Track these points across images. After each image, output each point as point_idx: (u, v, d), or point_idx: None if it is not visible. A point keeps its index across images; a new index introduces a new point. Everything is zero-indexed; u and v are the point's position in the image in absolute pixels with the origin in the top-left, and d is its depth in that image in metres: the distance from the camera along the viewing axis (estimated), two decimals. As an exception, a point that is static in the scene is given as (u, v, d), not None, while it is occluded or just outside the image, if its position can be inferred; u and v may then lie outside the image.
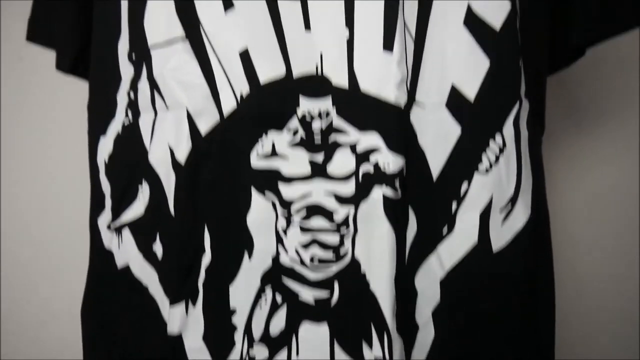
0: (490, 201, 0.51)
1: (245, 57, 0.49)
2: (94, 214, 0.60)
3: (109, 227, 0.57)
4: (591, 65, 0.75)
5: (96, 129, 0.58)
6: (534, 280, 0.53)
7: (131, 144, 0.55)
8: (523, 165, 0.53)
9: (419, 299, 0.51)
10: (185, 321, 0.51)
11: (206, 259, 0.51)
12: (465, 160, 0.51)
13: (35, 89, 0.95)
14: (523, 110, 0.53)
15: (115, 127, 0.57)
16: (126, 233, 0.56)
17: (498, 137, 0.51)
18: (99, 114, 0.58)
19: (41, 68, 0.91)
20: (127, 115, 0.56)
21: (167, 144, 0.52)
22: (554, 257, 0.58)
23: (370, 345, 0.50)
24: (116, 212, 0.57)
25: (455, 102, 0.50)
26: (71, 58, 0.65)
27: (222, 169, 0.51)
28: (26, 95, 0.95)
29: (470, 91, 0.50)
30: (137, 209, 0.55)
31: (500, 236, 0.52)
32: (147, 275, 0.54)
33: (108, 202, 0.58)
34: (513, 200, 0.52)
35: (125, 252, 0.56)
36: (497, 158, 0.51)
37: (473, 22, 0.50)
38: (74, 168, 0.77)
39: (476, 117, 0.51)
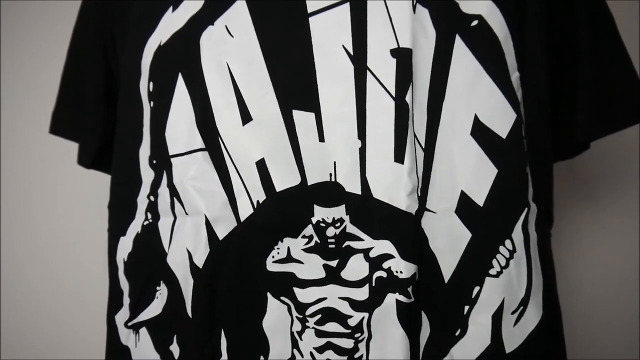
0: (502, 303, 0.54)
1: (261, 166, 0.54)
2: (112, 310, 0.63)
3: (126, 324, 0.60)
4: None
5: (116, 230, 0.62)
6: None
7: (150, 244, 0.58)
8: (533, 268, 0.56)
9: None
10: None
11: None
12: (476, 264, 0.54)
13: (35, 93, 0.99)
14: (531, 214, 0.56)
15: (134, 227, 0.61)
16: (143, 332, 0.58)
17: (508, 243, 0.54)
18: (120, 217, 0.62)
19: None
20: (147, 217, 0.60)
21: (185, 248, 0.55)
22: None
23: None
24: (134, 311, 0.60)
25: (465, 208, 0.54)
26: (93, 155, 0.69)
27: (238, 273, 0.54)
28: (24, 96, 0.99)
29: (480, 198, 0.54)
30: (155, 308, 0.58)
31: (513, 337, 0.54)
32: None
33: (126, 300, 0.61)
34: (524, 302, 0.55)
35: (142, 350, 0.58)
36: (508, 262, 0.54)
37: (480, 131, 0.54)
38: (76, 169, 0.79)
39: (486, 223, 0.54)
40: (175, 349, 0.56)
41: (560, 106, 0.62)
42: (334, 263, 0.53)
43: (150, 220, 0.59)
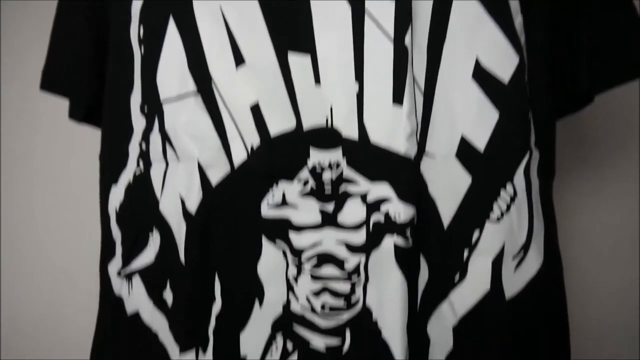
0: (502, 249, 0.54)
1: (255, 110, 0.53)
2: (105, 261, 0.63)
3: (119, 273, 0.60)
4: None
5: (108, 178, 0.62)
6: (548, 327, 0.56)
7: (142, 193, 0.59)
8: (535, 214, 0.56)
9: (431, 346, 0.53)
10: None
11: (216, 306, 0.54)
12: (476, 209, 0.54)
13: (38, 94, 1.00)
14: (533, 160, 0.56)
15: (126, 176, 0.61)
16: (136, 280, 0.59)
17: (509, 187, 0.54)
18: (111, 164, 0.62)
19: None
20: (138, 165, 0.60)
21: (178, 195, 0.55)
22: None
23: (382, 393, 0.52)
24: (127, 259, 0.60)
25: (465, 152, 0.54)
26: (84, 108, 0.69)
27: (232, 218, 0.54)
28: (28, 101, 1.00)
29: (480, 142, 0.54)
30: (147, 256, 0.58)
31: (513, 283, 0.54)
32: (157, 322, 0.57)
33: (118, 250, 0.61)
34: (525, 248, 0.55)
35: (135, 298, 0.59)
36: (509, 207, 0.54)
37: (481, 75, 0.54)
38: (77, 169, 0.81)
39: (486, 168, 0.54)
40: (168, 295, 0.56)
41: (565, 56, 0.61)
42: (330, 207, 0.53)
43: (142, 169, 0.59)
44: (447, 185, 0.54)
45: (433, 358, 0.54)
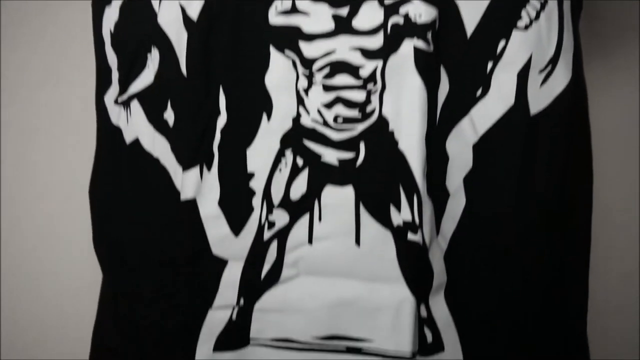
0: (529, 61, 0.50)
1: None
2: (100, 92, 0.59)
3: (116, 101, 0.57)
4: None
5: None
6: (571, 146, 0.53)
7: (139, 8, 0.54)
8: (565, 25, 0.52)
9: (449, 164, 0.50)
10: (200, 186, 0.51)
11: (221, 120, 0.51)
12: (502, 16, 0.50)
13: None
14: None
15: None
16: (135, 105, 0.55)
17: None
18: None
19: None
20: None
21: (178, 3, 0.51)
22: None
23: (398, 208, 0.49)
24: (124, 85, 0.56)
25: None
26: None
27: (237, 26, 0.50)
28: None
29: None
30: (146, 77, 0.54)
31: (539, 99, 0.51)
32: (159, 146, 0.54)
33: (115, 75, 0.57)
34: (553, 62, 0.51)
35: (134, 125, 0.55)
36: (538, 14, 0.50)
37: None
38: (77, 169, 0.79)
39: None
40: (169, 115, 0.53)
41: None
42: (344, 12, 0.49)
43: None
44: None
45: (452, 176, 0.51)
